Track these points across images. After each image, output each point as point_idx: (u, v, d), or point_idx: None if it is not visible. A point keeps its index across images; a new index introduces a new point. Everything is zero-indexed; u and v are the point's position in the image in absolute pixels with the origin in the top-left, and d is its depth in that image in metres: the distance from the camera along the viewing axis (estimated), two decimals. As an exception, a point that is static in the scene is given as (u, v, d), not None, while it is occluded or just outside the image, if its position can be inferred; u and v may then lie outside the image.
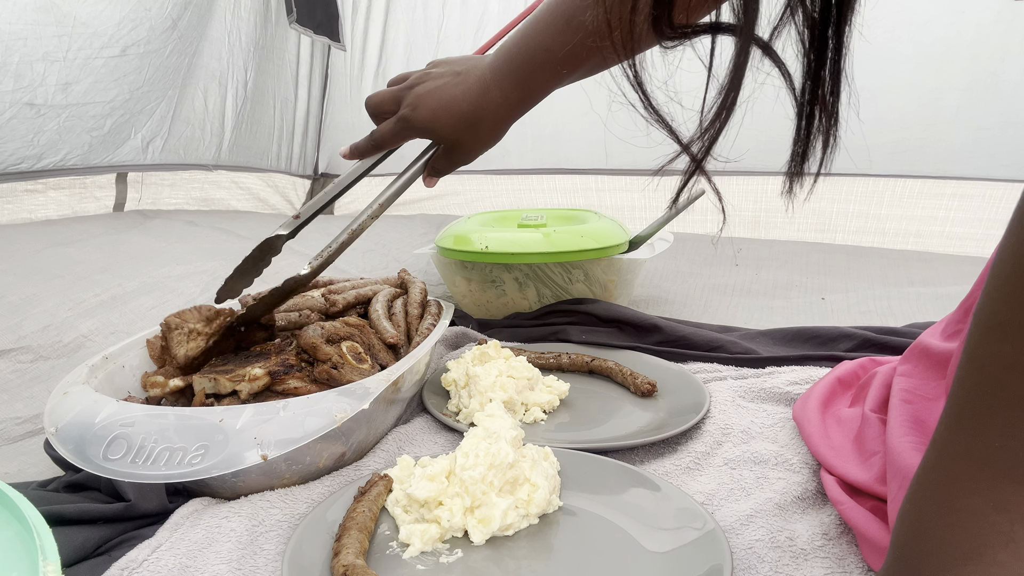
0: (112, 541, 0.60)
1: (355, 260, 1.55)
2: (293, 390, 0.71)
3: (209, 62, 1.92)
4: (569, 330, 1.06)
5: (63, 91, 1.61)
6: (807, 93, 0.43)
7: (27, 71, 1.54)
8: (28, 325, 1.04)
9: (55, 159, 1.69)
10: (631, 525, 0.60)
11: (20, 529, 0.52)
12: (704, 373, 0.93)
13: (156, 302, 1.18)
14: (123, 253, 1.40)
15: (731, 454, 0.72)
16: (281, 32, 2.08)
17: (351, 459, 0.72)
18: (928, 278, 1.46)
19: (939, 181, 1.77)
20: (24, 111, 1.57)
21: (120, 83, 1.70)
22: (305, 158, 2.31)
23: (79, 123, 1.69)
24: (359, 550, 0.55)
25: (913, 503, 0.34)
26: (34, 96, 1.57)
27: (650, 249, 1.23)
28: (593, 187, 2.10)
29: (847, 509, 0.57)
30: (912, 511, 0.34)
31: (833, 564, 0.55)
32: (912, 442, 0.54)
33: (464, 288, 1.20)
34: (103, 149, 1.78)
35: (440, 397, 0.87)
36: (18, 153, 1.62)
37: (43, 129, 1.62)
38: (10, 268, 1.23)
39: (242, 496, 0.65)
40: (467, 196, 2.23)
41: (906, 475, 0.52)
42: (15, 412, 0.87)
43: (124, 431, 0.61)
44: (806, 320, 1.19)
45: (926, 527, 0.33)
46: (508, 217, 1.33)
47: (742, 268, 1.57)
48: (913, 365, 0.65)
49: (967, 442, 0.31)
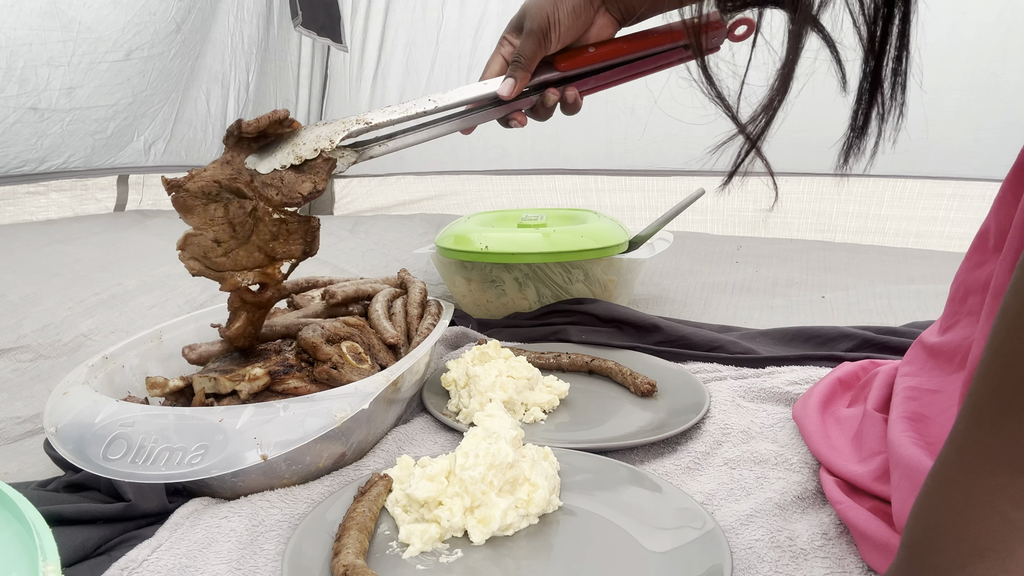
0: (112, 541, 0.60)
1: (355, 260, 1.55)
2: (293, 390, 0.71)
3: (212, 64, 1.92)
4: (569, 330, 1.06)
5: (67, 95, 1.62)
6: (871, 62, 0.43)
7: (32, 76, 1.54)
8: (28, 324, 1.04)
9: (58, 162, 1.69)
10: (631, 525, 0.60)
11: (20, 529, 0.52)
12: (704, 373, 0.93)
13: (156, 301, 1.18)
14: (123, 251, 1.40)
15: (731, 454, 0.72)
16: (283, 34, 2.08)
17: (351, 459, 0.72)
18: (929, 275, 1.46)
19: (939, 181, 1.77)
20: (28, 115, 1.57)
21: (124, 87, 1.71)
22: (305, 158, 2.31)
23: (82, 126, 1.69)
24: (359, 550, 0.55)
25: (928, 500, 0.34)
26: (38, 100, 1.58)
27: (650, 249, 1.23)
28: (593, 187, 2.10)
29: (846, 508, 0.57)
30: (927, 508, 0.34)
31: (833, 564, 0.55)
32: (912, 437, 0.54)
33: (464, 288, 1.20)
34: (105, 152, 1.79)
35: (440, 397, 0.87)
36: (21, 156, 1.62)
37: (46, 133, 1.63)
38: (10, 266, 1.24)
39: (242, 496, 0.65)
40: (467, 196, 2.23)
41: (907, 465, 0.52)
42: (15, 412, 0.87)
43: (124, 431, 0.61)
44: (806, 318, 1.19)
45: (942, 524, 0.33)
46: (508, 217, 1.32)
47: (742, 265, 1.57)
48: (914, 365, 0.65)
49: (988, 439, 0.31)
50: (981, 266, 0.58)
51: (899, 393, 0.62)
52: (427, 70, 2.16)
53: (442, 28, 2.11)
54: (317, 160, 0.66)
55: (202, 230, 0.68)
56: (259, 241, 0.69)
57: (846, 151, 0.50)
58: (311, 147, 0.66)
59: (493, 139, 2.14)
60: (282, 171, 0.67)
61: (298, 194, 0.66)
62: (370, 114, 0.70)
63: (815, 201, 1.89)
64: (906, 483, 0.51)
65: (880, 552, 0.52)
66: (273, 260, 0.70)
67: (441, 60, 2.14)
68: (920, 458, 0.51)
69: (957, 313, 0.61)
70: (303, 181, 0.66)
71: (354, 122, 0.69)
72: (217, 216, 0.68)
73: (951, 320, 0.62)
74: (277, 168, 0.66)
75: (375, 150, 0.71)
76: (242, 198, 0.68)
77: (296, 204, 0.67)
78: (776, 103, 0.42)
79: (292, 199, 0.66)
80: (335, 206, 2.39)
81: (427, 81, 2.17)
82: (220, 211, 0.68)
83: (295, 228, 0.69)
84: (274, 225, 0.68)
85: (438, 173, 2.25)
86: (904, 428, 0.56)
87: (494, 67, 0.77)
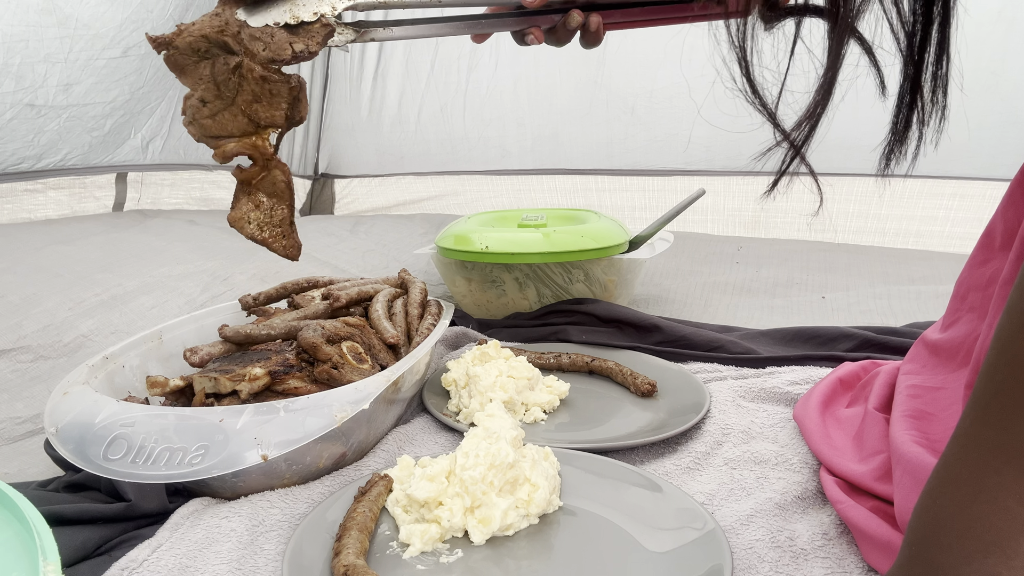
0: (112, 541, 0.60)
1: (355, 260, 1.55)
2: (293, 390, 0.71)
3: (210, 62, 1.92)
4: (569, 330, 1.06)
5: (64, 92, 1.62)
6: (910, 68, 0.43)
7: (28, 72, 1.54)
8: (28, 325, 1.04)
9: (55, 159, 1.69)
10: (631, 525, 0.60)
11: (20, 529, 0.52)
12: (704, 373, 0.93)
13: (156, 302, 1.18)
14: (123, 252, 1.40)
15: (731, 454, 0.72)
16: (282, 32, 2.08)
17: (351, 459, 0.72)
18: (929, 275, 1.46)
19: (939, 181, 1.77)
20: (25, 112, 1.57)
21: (121, 84, 1.71)
22: (306, 158, 2.31)
23: (79, 123, 1.69)
24: (359, 550, 0.55)
25: (933, 498, 0.34)
26: (35, 97, 1.57)
27: (650, 249, 1.23)
28: (593, 187, 2.10)
29: (847, 508, 0.57)
30: (931, 506, 0.34)
31: (833, 564, 0.55)
32: (914, 435, 0.55)
33: (464, 288, 1.20)
34: (103, 149, 1.79)
35: (440, 397, 0.87)
36: (18, 153, 1.62)
37: (43, 129, 1.63)
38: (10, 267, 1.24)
39: (242, 496, 0.65)
40: (467, 196, 2.23)
41: (909, 462, 0.52)
42: (15, 412, 0.87)
43: (124, 431, 0.61)
44: (806, 318, 1.19)
45: (946, 520, 0.33)
46: (508, 217, 1.32)
47: (742, 266, 1.57)
48: (916, 363, 0.65)
49: (995, 436, 0.31)
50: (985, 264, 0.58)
51: (901, 391, 0.62)
52: (427, 70, 2.16)
53: (442, 28, 2.11)
54: (314, 24, 0.61)
55: (192, 91, 0.64)
56: (242, 103, 0.63)
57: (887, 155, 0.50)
58: (311, 10, 0.61)
59: (494, 139, 2.14)
60: (274, 27, 0.61)
61: (288, 50, 0.61)
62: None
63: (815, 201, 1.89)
64: (908, 480, 0.51)
65: (881, 551, 0.52)
66: (258, 127, 0.65)
67: (440, 61, 2.14)
68: (922, 456, 0.51)
69: (959, 310, 0.61)
70: (295, 41, 0.61)
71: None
72: (204, 75, 0.64)
73: (953, 317, 0.62)
74: (270, 24, 0.61)
75: (378, 33, 0.65)
76: (229, 53, 0.63)
77: (284, 61, 0.62)
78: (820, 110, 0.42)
79: (280, 55, 0.61)
80: (335, 206, 2.39)
81: (427, 81, 2.17)
82: (207, 69, 0.63)
83: (278, 90, 0.63)
84: (256, 84, 0.63)
85: (438, 173, 2.25)
86: (906, 426, 0.56)
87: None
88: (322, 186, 2.38)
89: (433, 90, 2.17)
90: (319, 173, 2.38)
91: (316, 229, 1.76)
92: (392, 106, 2.24)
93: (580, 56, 2.01)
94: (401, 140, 2.26)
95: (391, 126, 2.26)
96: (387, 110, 2.25)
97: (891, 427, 0.58)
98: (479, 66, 2.10)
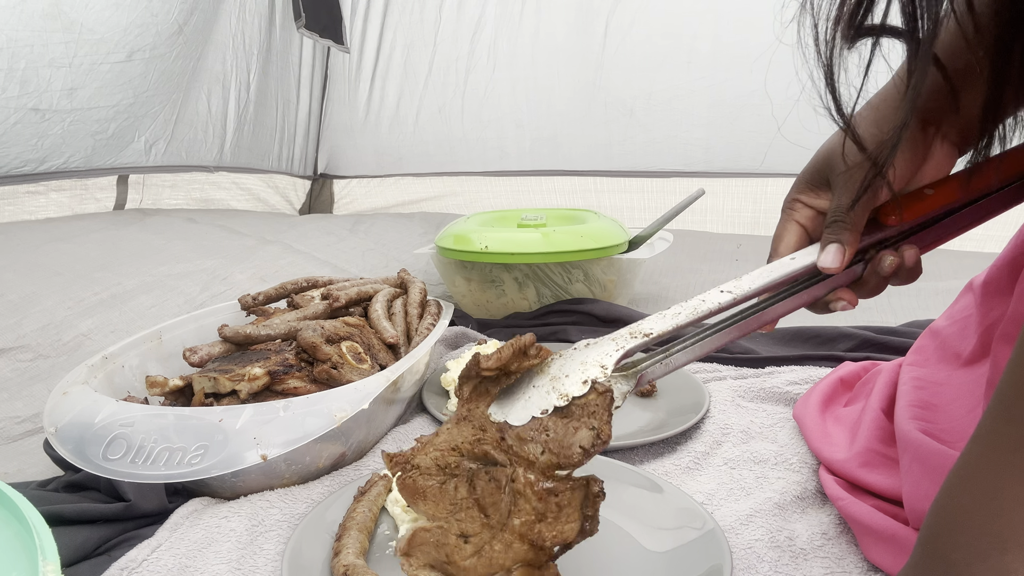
0: (112, 541, 0.60)
1: (355, 260, 1.55)
2: (293, 390, 0.71)
3: (213, 65, 1.93)
4: (569, 330, 1.06)
5: (68, 96, 1.62)
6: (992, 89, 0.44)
7: (33, 77, 1.55)
8: (28, 324, 1.04)
9: (58, 162, 1.70)
10: (631, 525, 0.60)
11: (20, 529, 0.52)
12: (704, 373, 0.93)
13: (156, 301, 1.18)
14: (123, 250, 1.40)
15: (731, 454, 0.72)
16: (286, 35, 2.09)
17: (351, 459, 0.72)
18: (929, 272, 1.45)
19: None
20: (29, 116, 1.57)
21: (125, 88, 1.71)
22: (306, 159, 2.32)
23: (83, 127, 1.69)
24: (359, 550, 0.55)
25: (950, 496, 0.34)
26: (39, 101, 1.58)
27: (650, 249, 1.23)
28: (592, 188, 2.10)
29: (847, 504, 0.57)
30: (949, 504, 0.34)
31: (832, 564, 0.55)
32: (920, 425, 0.55)
33: (464, 288, 1.20)
34: (106, 152, 1.79)
35: (440, 397, 0.87)
36: (22, 156, 1.62)
37: (47, 133, 1.63)
38: (9, 265, 1.23)
39: (242, 496, 0.65)
40: (467, 196, 2.23)
41: (916, 449, 0.52)
42: (15, 411, 0.87)
43: (124, 431, 0.61)
44: (806, 318, 1.19)
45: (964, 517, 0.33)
46: (508, 217, 1.33)
47: (742, 263, 1.57)
48: (921, 355, 0.65)
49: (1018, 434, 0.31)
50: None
51: (906, 383, 0.62)
52: (425, 72, 2.17)
53: (440, 30, 2.11)
54: (588, 396, 0.47)
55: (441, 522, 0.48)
56: (520, 526, 0.47)
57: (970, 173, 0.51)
58: (577, 379, 0.48)
59: (492, 140, 2.14)
60: (543, 418, 0.48)
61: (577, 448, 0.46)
62: (647, 322, 0.51)
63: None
64: (917, 468, 0.51)
65: (885, 545, 0.52)
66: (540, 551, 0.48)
67: (439, 62, 2.14)
68: (929, 443, 0.51)
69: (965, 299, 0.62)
70: (577, 428, 0.46)
71: (628, 336, 0.50)
72: (460, 498, 0.48)
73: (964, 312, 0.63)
74: (536, 415, 0.48)
75: (655, 371, 0.52)
76: (490, 465, 0.48)
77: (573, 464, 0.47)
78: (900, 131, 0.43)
79: (567, 457, 0.46)
80: (334, 206, 2.39)
81: (425, 82, 2.17)
82: (463, 490, 0.48)
83: (568, 499, 0.47)
84: (539, 499, 0.47)
85: (438, 174, 2.26)
86: (911, 415, 0.56)
87: (788, 240, 0.59)
88: (321, 186, 2.38)
89: (431, 91, 2.18)
90: (318, 173, 2.38)
91: (316, 228, 1.76)
92: (391, 107, 2.24)
93: (578, 58, 2.01)
94: (400, 141, 2.27)
95: (390, 127, 2.26)
96: (386, 111, 2.25)
97: (896, 417, 0.58)
98: (477, 68, 2.10)
